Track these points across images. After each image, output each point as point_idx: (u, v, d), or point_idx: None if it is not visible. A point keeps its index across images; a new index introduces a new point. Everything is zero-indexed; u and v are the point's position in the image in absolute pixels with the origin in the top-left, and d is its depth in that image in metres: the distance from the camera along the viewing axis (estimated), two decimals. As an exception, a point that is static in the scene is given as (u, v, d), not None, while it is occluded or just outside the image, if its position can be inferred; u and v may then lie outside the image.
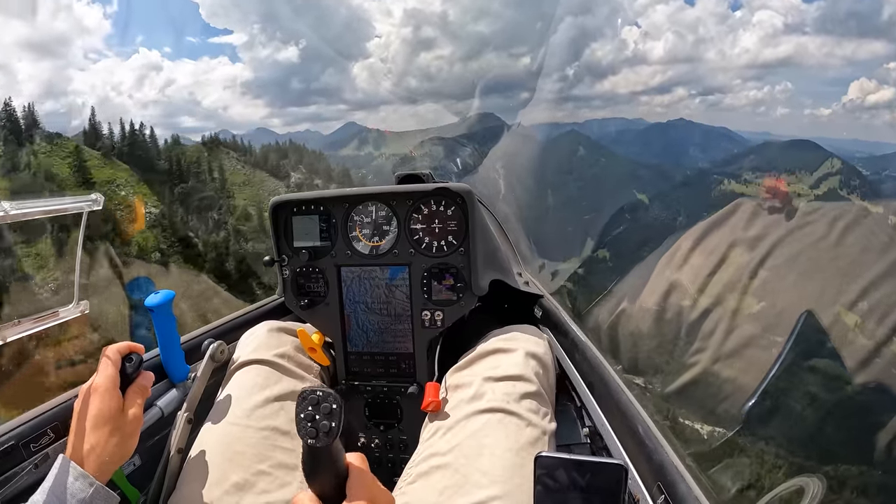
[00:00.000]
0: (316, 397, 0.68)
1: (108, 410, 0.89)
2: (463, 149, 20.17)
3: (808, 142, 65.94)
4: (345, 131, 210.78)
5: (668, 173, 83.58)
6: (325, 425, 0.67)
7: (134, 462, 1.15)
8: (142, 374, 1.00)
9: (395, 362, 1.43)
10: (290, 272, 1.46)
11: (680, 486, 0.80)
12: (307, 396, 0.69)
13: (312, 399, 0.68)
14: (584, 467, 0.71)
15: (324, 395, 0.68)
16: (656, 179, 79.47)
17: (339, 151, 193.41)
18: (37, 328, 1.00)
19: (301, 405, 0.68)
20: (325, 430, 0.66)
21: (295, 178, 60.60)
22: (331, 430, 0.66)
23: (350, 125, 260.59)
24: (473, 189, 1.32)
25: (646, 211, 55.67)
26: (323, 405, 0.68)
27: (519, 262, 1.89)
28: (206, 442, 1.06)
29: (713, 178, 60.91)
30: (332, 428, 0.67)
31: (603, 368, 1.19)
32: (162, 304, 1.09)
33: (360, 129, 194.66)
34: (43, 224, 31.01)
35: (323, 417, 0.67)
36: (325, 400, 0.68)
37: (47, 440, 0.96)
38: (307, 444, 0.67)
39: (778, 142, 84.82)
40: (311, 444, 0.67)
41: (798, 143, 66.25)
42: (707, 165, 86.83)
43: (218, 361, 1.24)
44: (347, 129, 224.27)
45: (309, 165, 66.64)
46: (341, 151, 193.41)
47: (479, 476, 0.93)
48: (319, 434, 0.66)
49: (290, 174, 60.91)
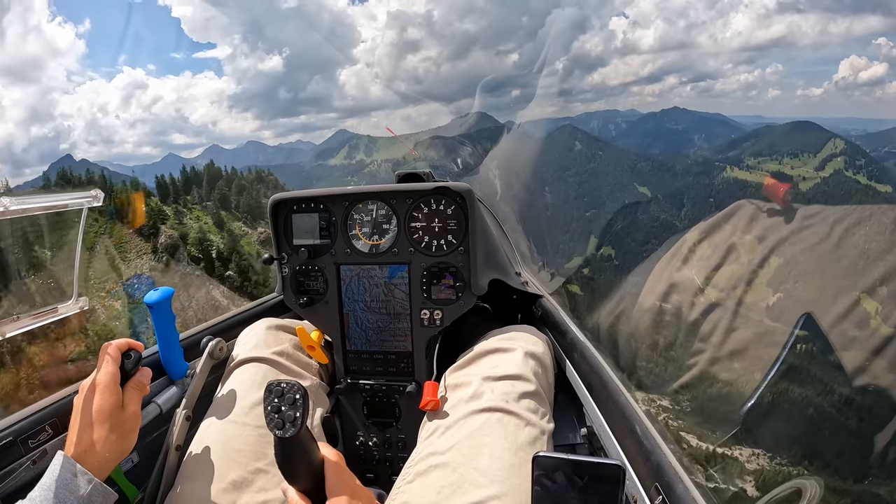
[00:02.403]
0: (280, 388, 0.69)
1: (107, 407, 0.89)
2: (463, 148, 20.26)
3: (809, 123, 65.30)
4: (336, 139, 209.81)
5: (668, 164, 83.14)
6: (290, 415, 0.68)
7: (132, 459, 1.15)
8: (141, 370, 1.00)
9: (394, 361, 1.43)
10: (289, 270, 1.46)
11: (677, 486, 0.80)
12: (272, 388, 0.70)
13: (277, 390, 0.69)
14: (582, 467, 0.71)
15: (288, 386, 0.70)
16: (657, 171, 78.99)
17: (328, 161, 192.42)
18: (36, 324, 1.00)
19: (267, 398, 0.69)
20: (290, 419, 0.68)
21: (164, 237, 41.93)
22: (296, 419, 0.68)
23: (341, 133, 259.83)
24: (473, 188, 1.32)
25: (649, 205, 55.16)
26: (287, 395, 0.69)
27: (518, 262, 1.89)
28: (205, 439, 1.05)
29: (715, 165, 60.44)
30: (297, 417, 0.68)
31: (602, 368, 1.19)
32: (161, 301, 1.09)
33: (350, 137, 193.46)
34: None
35: (288, 408, 0.68)
36: (289, 391, 0.69)
37: (46, 436, 0.96)
38: (276, 436, 0.68)
39: (778, 125, 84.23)
40: (279, 434, 0.68)
41: (799, 124, 65.52)
42: (708, 153, 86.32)
43: (217, 359, 1.24)
44: (338, 136, 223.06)
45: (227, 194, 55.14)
46: (330, 161, 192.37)
47: (477, 475, 0.93)
48: (286, 424, 0.67)
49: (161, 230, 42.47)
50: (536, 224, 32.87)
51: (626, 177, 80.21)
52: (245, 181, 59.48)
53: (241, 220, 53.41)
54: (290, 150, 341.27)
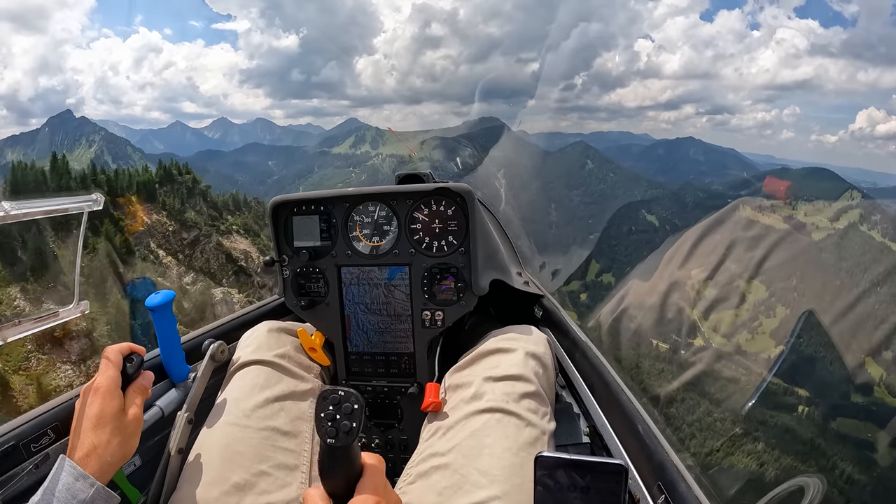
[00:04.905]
0: (337, 397, 0.68)
1: (109, 411, 0.89)
2: (464, 149, 19.97)
3: (825, 170, 64.54)
4: (346, 127, 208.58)
5: (680, 194, 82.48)
6: (345, 425, 0.66)
7: (134, 462, 1.15)
8: (142, 374, 1.00)
9: (396, 362, 1.43)
10: (290, 272, 1.46)
11: (680, 485, 0.80)
12: (328, 396, 0.68)
13: (334, 399, 0.68)
14: (583, 467, 0.70)
15: (345, 395, 0.68)
16: (666, 200, 78.32)
17: (332, 149, 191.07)
18: (37, 328, 1.00)
19: (322, 404, 0.68)
20: (345, 429, 0.66)
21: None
22: (351, 430, 0.66)
23: (351, 121, 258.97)
24: (473, 189, 1.33)
25: (655, 233, 54.56)
26: (344, 405, 0.68)
27: (519, 262, 1.89)
28: (207, 442, 1.05)
29: (727, 202, 59.98)
30: (353, 428, 0.67)
31: (603, 368, 1.19)
32: (162, 305, 1.09)
33: (359, 126, 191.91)
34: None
35: (343, 417, 0.67)
36: (346, 400, 0.68)
37: (48, 440, 0.96)
38: (326, 444, 0.67)
39: (793, 168, 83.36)
40: (330, 443, 0.67)
41: (815, 170, 64.76)
42: (720, 188, 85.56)
43: (218, 362, 1.24)
44: (348, 125, 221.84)
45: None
46: (334, 149, 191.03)
47: (478, 476, 0.93)
48: (339, 434, 0.66)
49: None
50: (541, 239, 31.87)
51: (636, 203, 79.18)
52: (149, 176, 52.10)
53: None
54: (299, 132, 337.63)
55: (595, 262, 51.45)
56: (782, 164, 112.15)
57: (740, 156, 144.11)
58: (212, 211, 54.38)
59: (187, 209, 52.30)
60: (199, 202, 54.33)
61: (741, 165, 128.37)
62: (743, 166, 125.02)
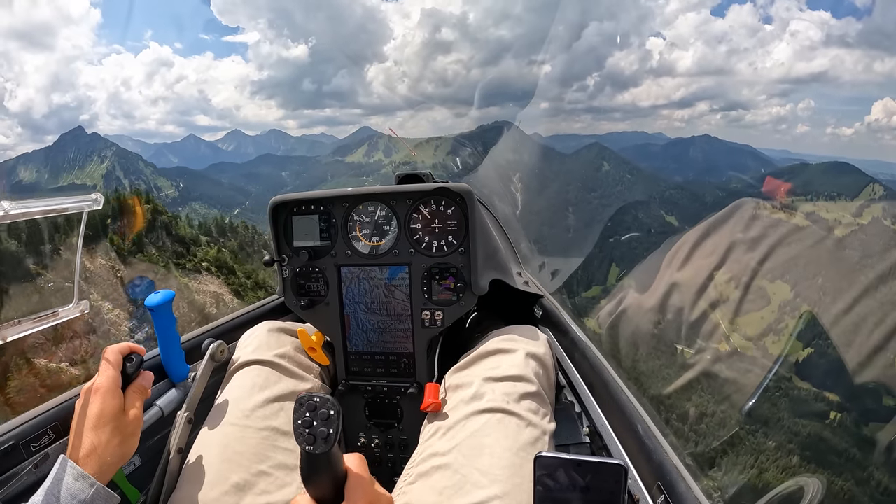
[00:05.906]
0: (313, 403, 0.66)
1: (109, 411, 0.89)
2: (472, 150, 20.02)
3: (846, 164, 63.12)
4: (358, 136, 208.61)
5: (699, 193, 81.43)
6: (322, 431, 0.65)
7: (134, 462, 1.15)
8: (142, 374, 1.00)
9: (395, 362, 1.43)
10: (289, 272, 1.46)
11: (679, 485, 0.80)
12: (304, 402, 0.66)
13: (310, 405, 0.66)
14: (583, 467, 0.70)
15: (321, 401, 0.66)
16: (686, 200, 77.43)
17: (346, 158, 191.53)
18: (37, 328, 1.00)
19: (298, 411, 0.66)
20: (322, 436, 0.65)
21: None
22: (329, 436, 0.65)
23: (364, 129, 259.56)
24: (473, 189, 1.32)
25: (675, 235, 53.98)
26: (321, 411, 0.66)
27: (519, 262, 1.89)
28: (207, 442, 1.06)
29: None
30: (330, 434, 0.65)
31: (603, 368, 1.19)
32: (162, 304, 1.09)
33: (372, 134, 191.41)
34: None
35: (321, 424, 0.65)
36: (322, 406, 0.66)
37: (47, 440, 0.96)
38: (304, 451, 0.66)
39: (812, 163, 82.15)
40: (309, 450, 0.65)
41: (836, 165, 63.41)
42: (739, 186, 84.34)
43: (218, 361, 1.24)
44: (361, 133, 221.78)
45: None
46: (347, 158, 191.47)
47: (478, 476, 0.93)
48: (317, 440, 0.65)
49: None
50: (558, 244, 31.09)
51: (654, 204, 78.24)
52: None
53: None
54: (313, 142, 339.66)
55: (615, 267, 50.95)
56: (799, 159, 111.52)
57: (756, 152, 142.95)
58: (177, 246, 47.95)
59: (146, 246, 46.53)
60: (162, 236, 48.17)
61: (758, 162, 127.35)
62: (760, 162, 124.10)
